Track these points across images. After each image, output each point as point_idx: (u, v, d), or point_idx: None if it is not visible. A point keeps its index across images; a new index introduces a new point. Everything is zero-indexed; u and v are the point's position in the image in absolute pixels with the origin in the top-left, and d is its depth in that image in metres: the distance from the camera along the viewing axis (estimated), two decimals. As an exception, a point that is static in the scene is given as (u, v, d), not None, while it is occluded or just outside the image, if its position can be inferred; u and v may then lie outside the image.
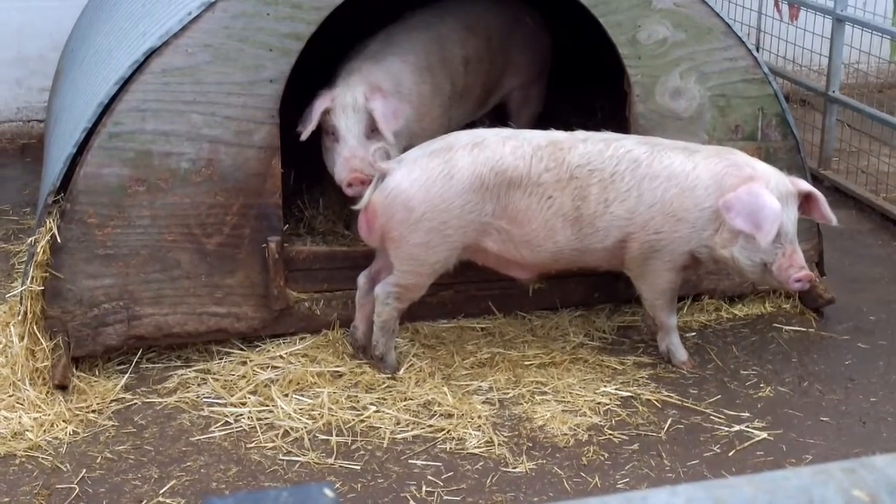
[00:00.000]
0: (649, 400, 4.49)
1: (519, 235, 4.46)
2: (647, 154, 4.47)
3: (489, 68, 5.49)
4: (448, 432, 4.26)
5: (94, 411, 4.33)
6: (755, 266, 4.42)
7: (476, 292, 4.99)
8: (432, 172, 4.38)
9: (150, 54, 4.43)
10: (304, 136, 4.77)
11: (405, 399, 4.44)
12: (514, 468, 4.07)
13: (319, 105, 4.78)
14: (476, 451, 4.16)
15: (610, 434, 4.27)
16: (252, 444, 4.18)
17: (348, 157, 4.74)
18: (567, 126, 4.72)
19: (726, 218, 4.34)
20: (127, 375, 4.54)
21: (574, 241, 4.48)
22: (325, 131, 4.84)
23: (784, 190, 4.40)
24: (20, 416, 4.25)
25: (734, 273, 4.82)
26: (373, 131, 4.77)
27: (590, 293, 5.14)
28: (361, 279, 4.67)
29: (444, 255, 4.47)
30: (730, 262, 4.47)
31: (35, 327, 4.43)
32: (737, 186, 4.36)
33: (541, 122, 5.41)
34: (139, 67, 4.43)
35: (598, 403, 4.45)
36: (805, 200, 4.50)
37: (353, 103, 4.77)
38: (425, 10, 5.40)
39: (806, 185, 4.52)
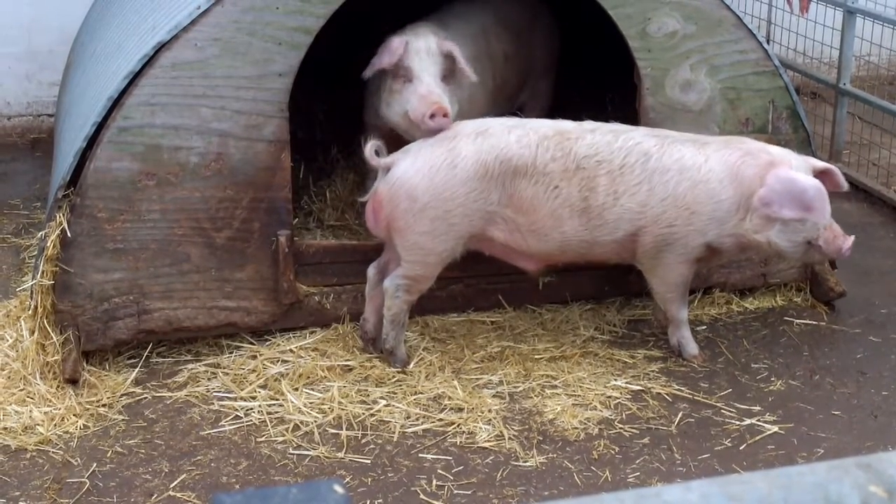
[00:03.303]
0: (660, 394, 4.48)
1: (526, 224, 4.45)
2: (658, 147, 4.46)
3: (521, 63, 5.47)
4: (458, 426, 4.26)
5: (104, 405, 4.34)
6: (797, 246, 4.44)
7: (486, 286, 4.99)
8: (435, 161, 4.39)
9: (160, 48, 4.43)
10: (368, 73, 4.71)
11: (415, 393, 4.44)
12: (525, 462, 4.06)
13: (398, 44, 4.68)
14: (486, 444, 4.16)
15: (620, 428, 4.27)
16: (262, 439, 4.18)
17: (425, 93, 4.61)
18: (577, 119, 4.70)
19: (769, 213, 4.35)
20: (137, 370, 4.54)
21: (583, 233, 4.47)
22: (392, 76, 4.73)
23: (805, 167, 4.45)
24: (31, 411, 4.25)
25: (766, 255, 4.80)
26: (443, 78, 4.70)
27: (600, 286, 5.13)
28: (371, 271, 4.67)
29: (450, 245, 4.46)
30: (764, 247, 4.49)
31: (45, 321, 4.44)
32: (757, 175, 4.38)
33: (550, 115, 5.38)
34: (149, 61, 4.43)
35: (609, 397, 4.45)
36: (820, 176, 4.50)
37: (427, 48, 4.69)
38: (462, 3, 5.35)
39: (820, 163, 4.59)
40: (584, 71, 6.33)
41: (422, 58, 4.67)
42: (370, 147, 4.46)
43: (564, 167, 4.42)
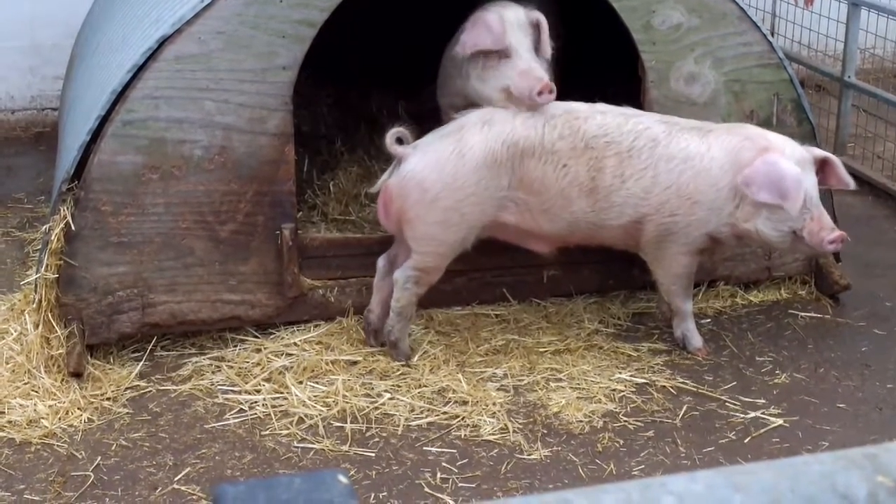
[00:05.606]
0: (664, 387, 4.48)
1: (537, 204, 4.46)
2: (665, 134, 4.47)
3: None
4: (463, 419, 4.25)
5: (108, 399, 4.34)
6: (783, 235, 4.41)
7: (490, 279, 4.98)
8: (444, 153, 4.40)
9: (164, 41, 4.42)
10: (466, 51, 4.60)
11: (420, 386, 4.44)
12: (529, 455, 4.06)
13: (496, 22, 4.56)
14: (491, 438, 4.16)
15: (625, 421, 4.26)
16: (266, 432, 4.18)
17: (526, 69, 4.52)
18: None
19: (748, 193, 4.34)
20: (141, 363, 4.54)
21: (590, 214, 4.47)
22: (482, 52, 4.62)
23: (801, 157, 4.41)
24: (35, 404, 4.25)
25: (759, 246, 4.79)
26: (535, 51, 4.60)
27: (604, 280, 5.12)
28: (380, 262, 4.66)
29: (462, 235, 4.46)
30: (753, 236, 4.46)
31: (50, 315, 4.43)
32: (753, 160, 4.36)
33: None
34: (152, 55, 4.43)
35: (613, 390, 4.44)
36: (821, 168, 4.49)
37: (518, 20, 4.61)
38: None
39: (821, 152, 4.54)
40: (583, 69, 6.31)
41: (515, 31, 4.58)
42: (392, 134, 4.45)
43: (573, 145, 4.42)
